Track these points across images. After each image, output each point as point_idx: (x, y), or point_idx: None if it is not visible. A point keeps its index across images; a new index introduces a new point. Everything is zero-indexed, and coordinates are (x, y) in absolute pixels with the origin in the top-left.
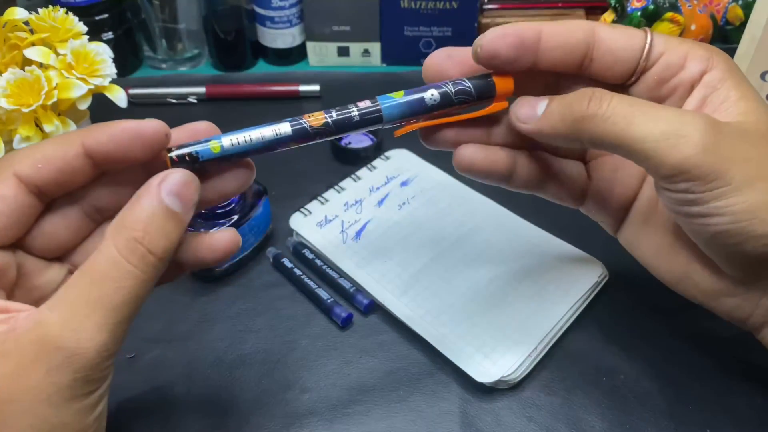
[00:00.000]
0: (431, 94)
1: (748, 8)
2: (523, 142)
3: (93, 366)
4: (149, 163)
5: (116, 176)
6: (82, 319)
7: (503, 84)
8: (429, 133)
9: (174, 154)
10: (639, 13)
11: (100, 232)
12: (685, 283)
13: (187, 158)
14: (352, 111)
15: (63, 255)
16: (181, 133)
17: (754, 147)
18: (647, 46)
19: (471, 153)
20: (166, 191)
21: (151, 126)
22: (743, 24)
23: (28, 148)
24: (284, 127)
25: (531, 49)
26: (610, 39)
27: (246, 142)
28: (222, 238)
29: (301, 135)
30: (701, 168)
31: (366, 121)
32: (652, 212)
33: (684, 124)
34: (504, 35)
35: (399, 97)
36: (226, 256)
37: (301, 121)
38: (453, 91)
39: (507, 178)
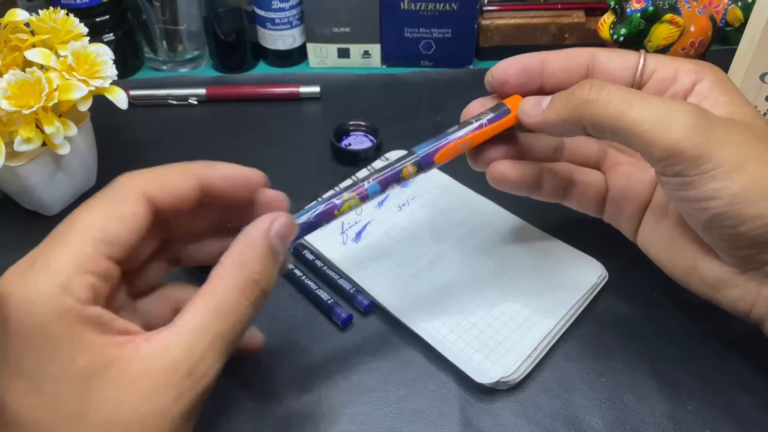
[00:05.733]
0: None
1: (747, 10)
2: (551, 156)
3: (209, 390)
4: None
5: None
6: (207, 348)
7: (513, 103)
8: (474, 156)
9: (300, 220)
10: (638, 15)
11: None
12: (693, 277)
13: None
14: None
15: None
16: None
17: (741, 135)
18: (641, 64)
19: (503, 167)
20: (275, 233)
21: (257, 175)
22: (743, 25)
23: (151, 171)
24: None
25: (536, 74)
26: (607, 60)
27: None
28: None
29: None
30: (692, 150)
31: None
32: (662, 213)
33: (676, 110)
34: (511, 65)
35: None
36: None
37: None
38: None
39: (535, 188)
